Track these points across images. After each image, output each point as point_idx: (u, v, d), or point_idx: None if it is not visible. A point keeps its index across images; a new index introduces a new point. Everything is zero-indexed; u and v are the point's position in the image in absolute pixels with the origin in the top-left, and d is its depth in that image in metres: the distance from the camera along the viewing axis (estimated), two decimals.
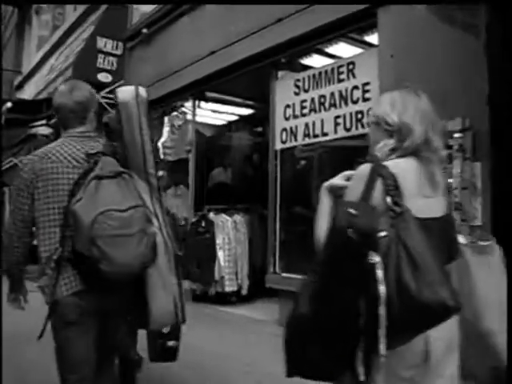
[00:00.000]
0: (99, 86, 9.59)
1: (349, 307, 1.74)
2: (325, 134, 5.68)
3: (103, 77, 9.75)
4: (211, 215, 7.52)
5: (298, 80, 6.09)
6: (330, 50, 6.02)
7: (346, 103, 5.40)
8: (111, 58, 9.89)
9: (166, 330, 3.47)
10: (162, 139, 8.94)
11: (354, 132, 5.32)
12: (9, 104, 8.98)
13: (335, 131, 5.54)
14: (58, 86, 2.84)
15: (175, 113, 8.94)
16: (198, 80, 7.78)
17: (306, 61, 6.35)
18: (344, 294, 1.75)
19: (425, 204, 1.92)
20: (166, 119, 9.05)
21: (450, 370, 1.96)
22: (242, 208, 7.77)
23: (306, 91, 5.96)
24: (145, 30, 9.21)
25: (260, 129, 9.87)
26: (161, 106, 9.16)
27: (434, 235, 1.85)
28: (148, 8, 9.26)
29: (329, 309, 1.78)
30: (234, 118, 10.07)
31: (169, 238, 2.48)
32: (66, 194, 2.41)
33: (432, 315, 1.66)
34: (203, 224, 7.46)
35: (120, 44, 9.97)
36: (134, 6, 9.87)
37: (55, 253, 2.39)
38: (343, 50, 5.84)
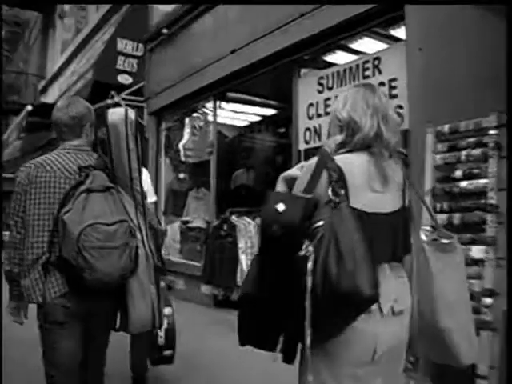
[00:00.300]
0: (120, 88, 9.51)
1: (281, 295, 1.87)
2: None
3: (123, 79, 9.66)
4: (233, 218, 7.29)
5: (322, 77, 5.85)
6: (355, 45, 5.76)
7: None
8: (132, 60, 9.79)
9: (161, 343, 3.93)
10: (183, 141, 8.78)
11: None
12: (29, 107, 8.91)
13: None
14: (58, 101, 2.98)
15: (196, 114, 8.77)
16: (218, 80, 7.58)
17: (329, 57, 6.10)
18: (276, 283, 1.88)
19: (374, 198, 1.97)
20: (186, 120, 8.88)
21: (393, 371, 2.07)
22: None
23: (330, 89, 5.72)
24: (165, 31, 9.03)
25: (283, 130, 9.65)
26: (182, 107, 9.02)
27: (382, 229, 1.96)
28: (168, 7, 9.10)
29: (265, 293, 1.91)
30: (257, 118, 9.87)
31: (150, 250, 2.64)
32: (57, 202, 2.59)
33: (349, 304, 1.72)
34: (225, 227, 7.23)
35: (140, 45, 9.87)
36: (154, 5, 9.73)
37: (42, 256, 2.57)
38: (368, 45, 5.58)
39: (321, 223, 1.83)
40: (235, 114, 9.30)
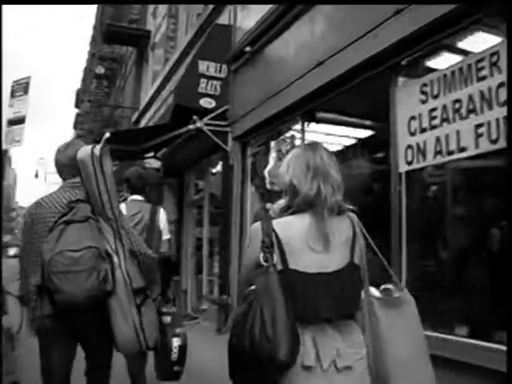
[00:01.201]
0: (202, 113, 8.95)
1: None
2: (462, 150, 4.40)
3: (206, 102, 9.07)
4: None
5: (425, 84, 4.87)
6: (464, 44, 4.77)
7: (491, 107, 4.11)
8: (214, 82, 9.19)
9: (174, 358, 4.08)
10: (268, 167, 8.02)
11: (502, 144, 4.01)
12: (107, 134, 8.46)
13: (476, 145, 4.25)
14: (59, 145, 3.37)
15: (282, 137, 8.00)
16: (305, 97, 6.79)
17: (431, 62, 5.12)
18: None
19: (315, 259, 2.08)
20: (272, 144, 8.13)
21: None
22: None
23: (436, 97, 4.73)
24: (248, 49, 8.41)
25: (381, 154, 8.67)
26: (267, 131, 8.28)
27: (323, 289, 2.06)
28: (250, 24, 8.46)
29: None
30: (350, 141, 8.95)
31: (127, 273, 2.80)
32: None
33: (266, 366, 1.92)
34: None
35: (223, 66, 9.26)
36: (238, 24, 9.14)
37: (37, 283, 2.90)
38: (480, 42, 4.55)
39: (253, 287, 2.03)
40: (326, 137, 8.43)
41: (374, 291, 2.30)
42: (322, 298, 2.05)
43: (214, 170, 11.34)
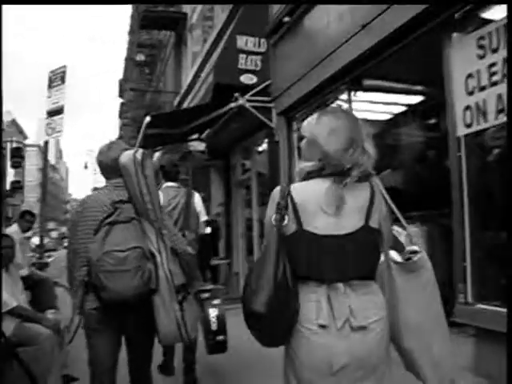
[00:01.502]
0: (244, 90, 8.68)
1: None
2: None
3: (247, 78, 8.78)
4: None
5: (482, 38, 4.45)
6: None
7: None
8: (254, 57, 8.89)
9: (214, 328, 4.41)
10: None
11: None
12: (148, 118, 8.29)
13: None
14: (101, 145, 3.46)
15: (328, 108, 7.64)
16: (349, 64, 6.42)
17: (487, 13, 4.67)
18: None
19: (327, 222, 2.15)
20: None
21: None
22: (418, 217, 6.18)
23: (495, 51, 4.30)
24: (287, 19, 8.06)
25: (433, 120, 8.22)
26: (312, 103, 7.94)
27: (334, 250, 2.14)
28: None
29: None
30: (400, 108, 8.52)
31: (169, 271, 2.91)
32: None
33: (248, 317, 2.11)
34: None
35: (263, 40, 8.94)
36: None
37: (83, 278, 3.04)
38: None
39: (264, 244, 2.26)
40: (374, 106, 8.02)
41: (394, 255, 2.32)
42: (333, 258, 2.13)
43: (259, 149, 11.08)
